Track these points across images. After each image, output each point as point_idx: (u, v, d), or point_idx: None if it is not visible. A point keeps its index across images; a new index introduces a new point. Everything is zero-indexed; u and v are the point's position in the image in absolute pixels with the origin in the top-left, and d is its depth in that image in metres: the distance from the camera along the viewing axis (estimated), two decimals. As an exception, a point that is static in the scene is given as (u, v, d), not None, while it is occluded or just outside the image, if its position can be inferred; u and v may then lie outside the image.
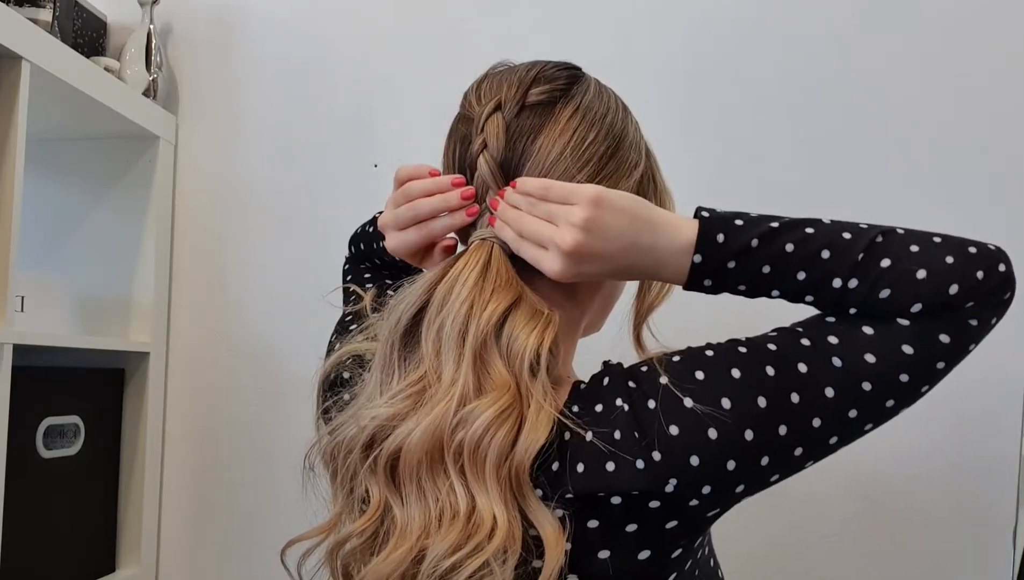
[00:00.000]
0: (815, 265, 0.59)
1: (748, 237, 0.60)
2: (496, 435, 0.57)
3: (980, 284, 0.57)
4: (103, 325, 1.43)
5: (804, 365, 0.57)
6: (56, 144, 1.45)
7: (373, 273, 0.88)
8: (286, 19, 1.46)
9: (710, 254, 0.60)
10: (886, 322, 0.58)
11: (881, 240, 0.59)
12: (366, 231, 0.88)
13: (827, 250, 0.59)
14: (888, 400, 0.58)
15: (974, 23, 1.21)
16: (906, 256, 0.58)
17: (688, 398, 0.57)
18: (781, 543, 1.23)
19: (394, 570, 0.57)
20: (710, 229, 0.60)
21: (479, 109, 0.67)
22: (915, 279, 0.57)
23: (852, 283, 0.58)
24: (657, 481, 0.56)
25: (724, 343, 0.61)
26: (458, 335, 0.60)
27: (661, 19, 1.32)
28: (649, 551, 0.58)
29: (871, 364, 0.57)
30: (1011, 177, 1.18)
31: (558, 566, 0.55)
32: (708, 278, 0.61)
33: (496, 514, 0.56)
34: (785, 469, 0.59)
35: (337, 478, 0.64)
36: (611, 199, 0.60)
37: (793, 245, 0.59)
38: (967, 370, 1.15)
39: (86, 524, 1.34)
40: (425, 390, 0.60)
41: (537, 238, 0.62)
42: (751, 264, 0.60)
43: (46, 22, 1.23)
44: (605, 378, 0.62)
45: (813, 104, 1.26)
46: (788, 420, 0.57)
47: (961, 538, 1.18)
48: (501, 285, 0.62)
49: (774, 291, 0.62)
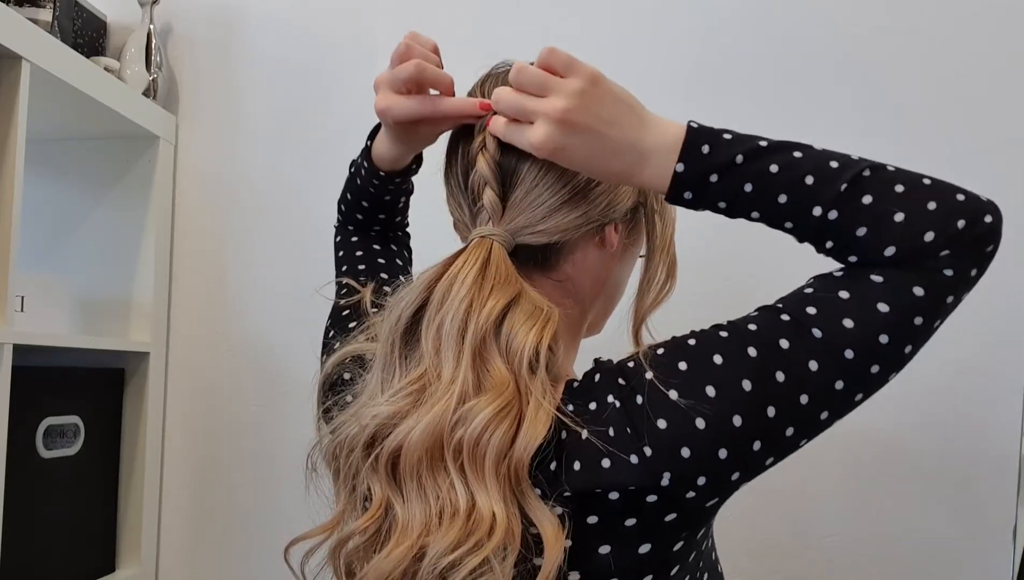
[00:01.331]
0: (798, 189, 0.58)
1: (734, 152, 0.59)
2: (495, 433, 0.57)
3: (959, 234, 0.55)
4: (103, 325, 1.43)
5: (785, 341, 0.57)
6: (56, 144, 1.45)
7: (363, 241, 0.85)
8: (286, 19, 1.46)
9: (693, 164, 0.59)
10: (860, 281, 0.57)
11: (868, 174, 0.57)
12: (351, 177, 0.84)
13: (811, 176, 0.58)
14: (872, 365, 0.57)
15: (975, 22, 1.21)
16: (889, 196, 0.57)
17: (673, 391, 0.57)
18: (779, 543, 1.23)
19: (395, 567, 0.58)
20: (696, 139, 0.59)
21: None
22: (892, 221, 0.56)
23: (832, 214, 0.57)
24: (651, 476, 0.56)
25: (707, 330, 0.60)
26: (457, 333, 0.60)
27: (661, 19, 1.32)
28: (650, 544, 0.58)
29: (849, 329, 0.56)
30: (1012, 177, 1.18)
31: (557, 563, 0.55)
32: (689, 190, 0.60)
33: (495, 511, 0.56)
34: (779, 451, 0.58)
35: (339, 477, 0.64)
36: (609, 84, 0.61)
37: (778, 166, 0.58)
38: (967, 370, 1.17)
39: (86, 524, 1.34)
40: (425, 388, 0.61)
41: (528, 113, 0.61)
42: (733, 180, 0.59)
43: (46, 22, 1.23)
44: (596, 375, 0.62)
45: (813, 103, 1.26)
46: (775, 401, 0.56)
47: (961, 538, 1.18)
48: (500, 282, 0.62)
49: (754, 213, 0.60)
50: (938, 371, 1.18)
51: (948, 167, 1.19)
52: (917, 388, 1.18)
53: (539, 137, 0.60)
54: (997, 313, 1.17)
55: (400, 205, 0.84)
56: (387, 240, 0.86)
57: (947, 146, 1.21)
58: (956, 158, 1.20)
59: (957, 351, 1.17)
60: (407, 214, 0.88)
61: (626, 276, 0.76)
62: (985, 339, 1.18)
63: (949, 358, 1.17)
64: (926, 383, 1.18)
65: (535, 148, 0.61)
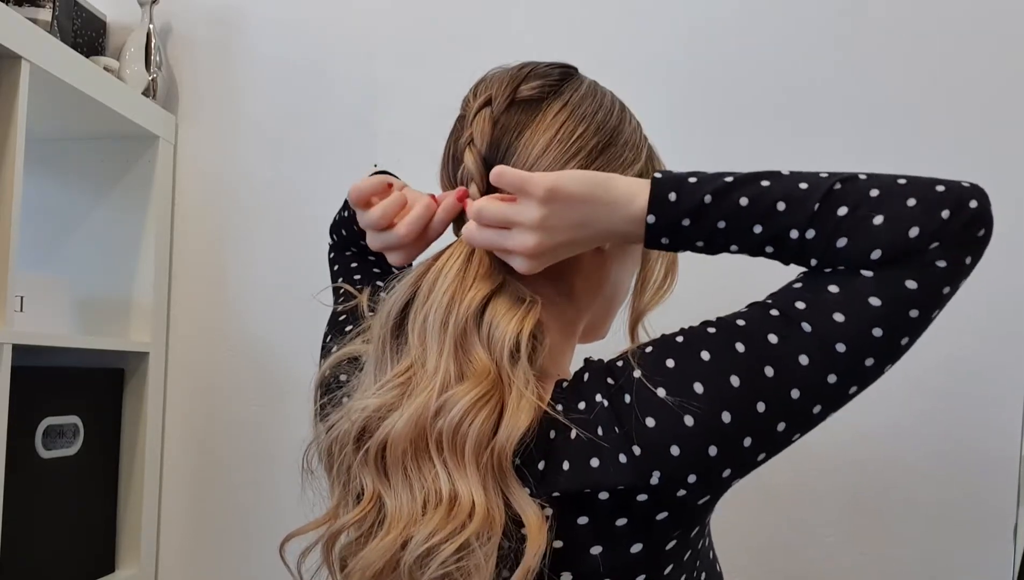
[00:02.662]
0: (771, 217, 0.58)
1: (701, 193, 0.59)
2: (475, 421, 0.58)
3: (945, 224, 0.54)
4: (103, 325, 1.43)
5: (774, 336, 0.56)
6: (56, 144, 1.45)
7: (359, 258, 0.87)
8: (286, 19, 1.46)
9: (663, 213, 0.59)
10: (851, 277, 0.56)
11: (839, 188, 0.57)
12: (344, 217, 0.87)
13: (783, 202, 0.57)
14: (866, 358, 0.55)
15: (974, 22, 1.21)
16: (864, 202, 0.56)
17: (661, 389, 0.57)
18: (778, 542, 1.23)
19: (380, 557, 0.58)
20: (662, 190, 0.59)
21: (472, 106, 0.68)
22: (872, 226, 0.55)
23: (809, 234, 0.57)
24: (641, 475, 0.56)
25: (696, 326, 0.60)
26: (440, 324, 0.61)
27: (661, 20, 1.32)
28: (641, 544, 0.58)
29: (840, 323, 0.55)
30: (1012, 176, 1.18)
31: (540, 552, 0.55)
32: (664, 236, 0.61)
33: (476, 499, 0.56)
34: (771, 446, 0.57)
35: (333, 472, 0.64)
36: (564, 189, 0.60)
37: (748, 199, 0.58)
38: (967, 370, 1.17)
39: (86, 524, 1.34)
40: (411, 380, 0.61)
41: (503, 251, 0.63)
42: (705, 220, 0.59)
43: (46, 22, 1.23)
44: (586, 374, 0.62)
45: (813, 103, 1.26)
46: (765, 396, 0.55)
47: (961, 538, 1.18)
48: (483, 274, 0.64)
49: (732, 246, 0.60)
50: (938, 371, 1.18)
51: (950, 166, 1.20)
52: (917, 388, 1.18)
53: (523, 268, 0.62)
54: (997, 313, 1.17)
55: None
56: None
57: (948, 145, 1.21)
58: (957, 157, 1.20)
59: (957, 351, 1.17)
60: None
61: (627, 277, 0.75)
62: (986, 339, 1.18)
63: (949, 358, 1.17)
64: (926, 383, 1.18)
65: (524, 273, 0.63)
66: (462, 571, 0.56)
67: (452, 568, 0.56)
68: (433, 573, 0.56)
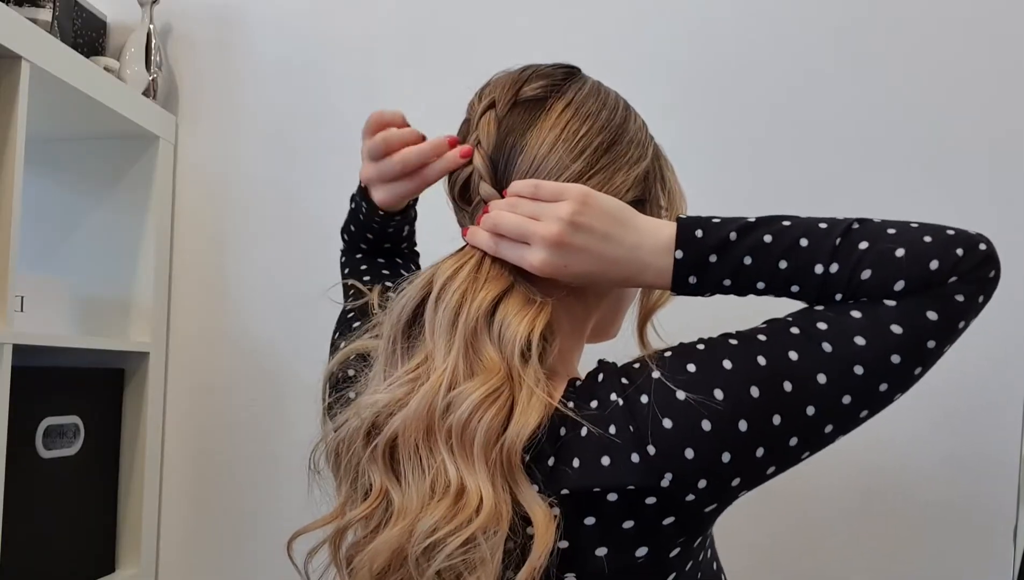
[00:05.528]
0: (795, 253, 0.60)
1: (726, 231, 0.61)
2: (484, 417, 0.58)
3: (960, 261, 0.57)
4: (103, 325, 1.43)
5: (795, 353, 0.57)
6: (56, 144, 1.45)
7: (368, 259, 0.87)
8: (286, 19, 1.46)
9: (691, 249, 0.61)
10: (873, 304, 0.58)
11: (857, 226, 0.60)
12: (350, 210, 0.87)
13: (805, 239, 0.60)
14: (881, 384, 0.58)
15: (974, 21, 1.21)
16: (883, 237, 0.58)
17: (681, 390, 0.57)
18: (781, 543, 1.23)
19: (388, 548, 0.58)
20: (689, 227, 0.62)
21: (477, 109, 0.69)
22: (895, 257, 0.57)
23: (833, 268, 0.59)
24: (652, 475, 0.56)
25: (715, 337, 0.61)
26: (451, 323, 0.62)
27: (661, 20, 1.32)
28: (647, 548, 0.58)
29: (861, 347, 0.57)
30: (1011, 176, 1.18)
31: (547, 551, 0.55)
32: (692, 274, 0.62)
33: (483, 493, 0.57)
34: (782, 461, 0.59)
35: (340, 470, 0.65)
36: (598, 199, 0.62)
37: (771, 236, 0.60)
38: (967, 370, 1.17)
39: (86, 524, 1.34)
40: (422, 376, 0.62)
41: (520, 234, 0.62)
42: (732, 256, 0.61)
43: (46, 22, 1.22)
44: (599, 374, 0.63)
45: (812, 103, 1.26)
46: (782, 409, 0.57)
47: (961, 538, 1.18)
48: (495, 275, 0.64)
49: (759, 283, 0.62)
50: (939, 374, 1.17)
51: (949, 165, 1.20)
52: (918, 391, 1.18)
53: (539, 260, 0.62)
54: (998, 317, 1.17)
55: (405, 233, 0.86)
56: (393, 259, 0.88)
57: (948, 145, 1.21)
58: (957, 157, 1.20)
59: (959, 353, 1.17)
60: (414, 237, 0.89)
61: None
62: (986, 341, 1.17)
63: (951, 361, 1.17)
64: (927, 386, 1.17)
65: (535, 270, 0.63)
66: (468, 564, 0.56)
67: (458, 561, 0.56)
68: (439, 565, 0.56)
